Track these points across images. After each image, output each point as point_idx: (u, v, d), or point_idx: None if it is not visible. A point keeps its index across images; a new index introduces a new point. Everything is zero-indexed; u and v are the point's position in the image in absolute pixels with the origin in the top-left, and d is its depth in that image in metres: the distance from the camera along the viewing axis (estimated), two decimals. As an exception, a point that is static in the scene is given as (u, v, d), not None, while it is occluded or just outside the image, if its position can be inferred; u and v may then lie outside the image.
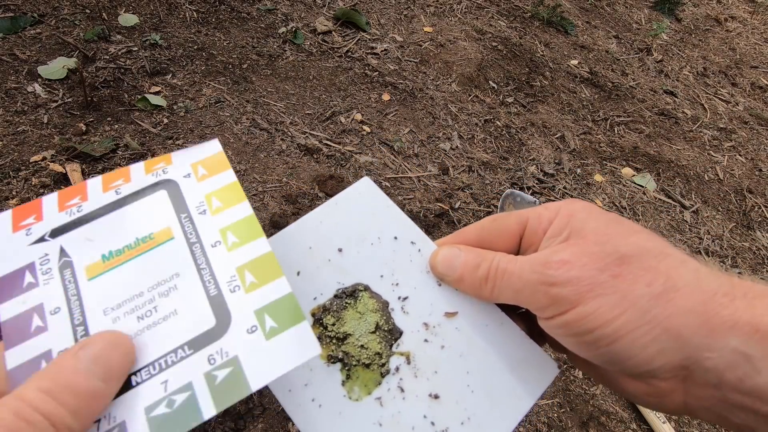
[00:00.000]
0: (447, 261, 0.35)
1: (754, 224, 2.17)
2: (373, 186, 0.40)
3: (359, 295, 0.35)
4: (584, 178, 2.07)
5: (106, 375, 0.23)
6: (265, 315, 0.28)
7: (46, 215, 0.31)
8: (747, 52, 3.40)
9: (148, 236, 0.30)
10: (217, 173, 0.33)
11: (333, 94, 1.99)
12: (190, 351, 0.26)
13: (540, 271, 0.30)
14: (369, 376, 0.33)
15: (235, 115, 1.75)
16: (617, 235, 0.30)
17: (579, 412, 1.34)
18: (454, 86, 2.24)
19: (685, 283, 0.28)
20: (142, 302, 0.28)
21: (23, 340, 0.26)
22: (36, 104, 1.55)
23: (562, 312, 0.29)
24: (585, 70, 2.68)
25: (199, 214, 0.31)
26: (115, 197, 0.32)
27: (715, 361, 0.26)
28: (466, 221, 1.71)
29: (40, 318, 0.27)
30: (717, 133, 2.60)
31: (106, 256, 0.30)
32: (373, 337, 0.34)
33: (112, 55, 1.78)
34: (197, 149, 0.35)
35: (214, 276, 0.29)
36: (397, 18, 2.50)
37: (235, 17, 2.14)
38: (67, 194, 0.32)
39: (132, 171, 0.33)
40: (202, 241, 0.30)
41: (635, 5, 3.46)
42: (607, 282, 0.28)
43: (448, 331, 0.35)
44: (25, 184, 1.35)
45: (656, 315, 0.27)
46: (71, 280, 0.29)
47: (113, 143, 1.51)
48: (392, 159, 1.83)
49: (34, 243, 0.30)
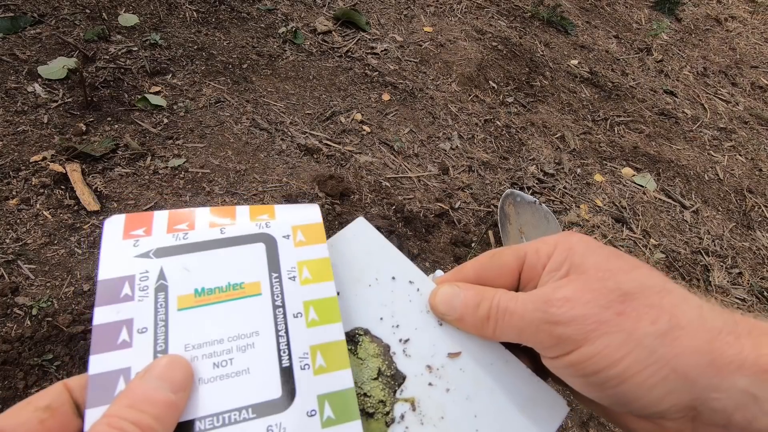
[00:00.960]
0: (446, 300, 0.34)
1: (754, 224, 2.17)
2: (368, 226, 0.39)
3: (359, 340, 0.34)
4: (584, 177, 2.07)
5: (173, 387, 0.26)
6: (326, 403, 0.28)
7: (155, 232, 0.32)
8: (747, 52, 3.40)
9: (239, 284, 0.31)
10: (314, 243, 0.34)
11: (333, 94, 1.99)
12: (252, 415, 0.27)
13: (543, 309, 0.29)
14: (373, 426, 0.32)
15: (235, 115, 1.75)
16: (618, 270, 0.29)
17: (579, 411, 1.34)
18: (454, 86, 2.24)
19: (689, 320, 0.27)
20: (220, 350, 0.29)
21: (109, 350, 0.27)
22: (36, 104, 1.55)
23: (567, 352, 0.29)
24: (585, 70, 2.68)
25: (288, 278, 0.32)
26: (219, 236, 0.33)
27: (724, 402, 0.26)
28: (466, 221, 1.71)
29: (128, 333, 0.28)
30: (717, 133, 2.60)
31: (198, 291, 0.30)
32: (376, 384, 0.33)
33: (112, 55, 1.78)
34: (300, 211, 0.36)
35: (289, 347, 0.30)
36: (397, 18, 2.50)
37: (235, 17, 2.14)
38: (178, 217, 0.33)
39: (238, 213, 0.34)
40: (286, 307, 0.31)
41: (635, 5, 3.46)
42: (612, 320, 0.28)
43: (452, 372, 0.34)
44: (25, 184, 1.35)
45: (663, 355, 0.27)
46: (163, 304, 0.29)
47: (113, 143, 1.51)
48: (392, 159, 1.83)
49: (138, 256, 0.31)
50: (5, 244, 1.23)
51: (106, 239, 0.31)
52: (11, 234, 1.25)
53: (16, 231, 1.26)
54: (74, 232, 1.30)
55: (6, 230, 1.26)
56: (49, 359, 1.07)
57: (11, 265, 1.20)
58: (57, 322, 1.13)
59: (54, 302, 1.16)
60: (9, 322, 1.11)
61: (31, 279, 1.19)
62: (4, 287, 1.15)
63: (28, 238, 1.26)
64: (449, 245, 1.62)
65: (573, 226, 1.85)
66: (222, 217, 0.34)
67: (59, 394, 0.26)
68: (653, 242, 1.91)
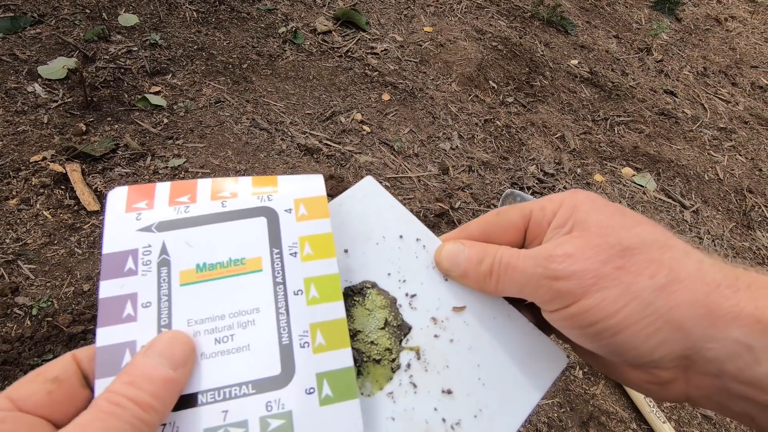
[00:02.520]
0: (451, 257, 0.35)
1: (754, 224, 2.17)
2: (376, 185, 0.40)
3: (367, 293, 0.35)
4: (584, 177, 2.07)
5: (174, 363, 0.26)
6: (324, 381, 0.29)
7: (157, 204, 0.32)
8: (747, 52, 3.40)
9: (240, 260, 0.31)
10: (316, 218, 0.33)
11: (333, 94, 1.99)
12: (252, 390, 0.28)
13: (544, 265, 0.30)
14: (380, 372, 0.33)
15: (235, 115, 1.75)
16: (620, 227, 0.30)
17: (579, 411, 1.34)
18: (454, 86, 2.24)
19: (688, 274, 0.28)
20: (222, 326, 0.29)
21: (114, 322, 0.28)
22: (36, 104, 1.55)
23: (566, 305, 0.29)
24: (585, 69, 2.68)
25: (290, 254, 0.32)
26: (221, 209, 0.32)
27: (717, 351, 0.26)
28: (466, 221, 1.71)
29: (133, 307, 0.29)
30: (717, 133, 2.60)
31: (200, 266, 0.30)
32: (383, 333, 0.34)
33: (112, 55, 1.78)
34: (303, 182, 0.35)
35: (289, 325, 0.30)
36: (397, 18, 2.50)
37: (235, 17, 2.14)
38: (179, 189, 0.33)
39: (240, 185, 0.34)
40: (287, 284, 0.31)
41: (635, 5, 3.46)
42: (611, 274, 0.28)
43: (456, 325, 0.35)
44: (25, 184, 1.35)
45: (659, 307, 0.27)
46: (166, 279, 0.30)
47: (113, 143, 1.51)
48: (392, 159, 1.83)
49: (141, 230, 0.31)
50: (5, 244, 1.23)
51: (110, 212, 0.31)
52: (11, 234, 1.25)
53: (16, 231, 1.26)
54: (74, 232, 1.30)
55: (6, 230, 1.26)
56: (49, 359, 1.07)
57: (11, 265, 1.20)
58: (57, 322, 1.13)
59: (54, 302, 1.16)
60: (9, 322, 1.11)
61: (31, 279, 1.19)
62: (4, 287, 1.15)
63: (28, 238, 1.26)
64: (449, 245, 1.62)
65: (573, 226, 1.85)
66: (224, 190, 0.34)
67: (67, 365, 0.28)
68: (653, 242, 1.91)
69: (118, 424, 0.23)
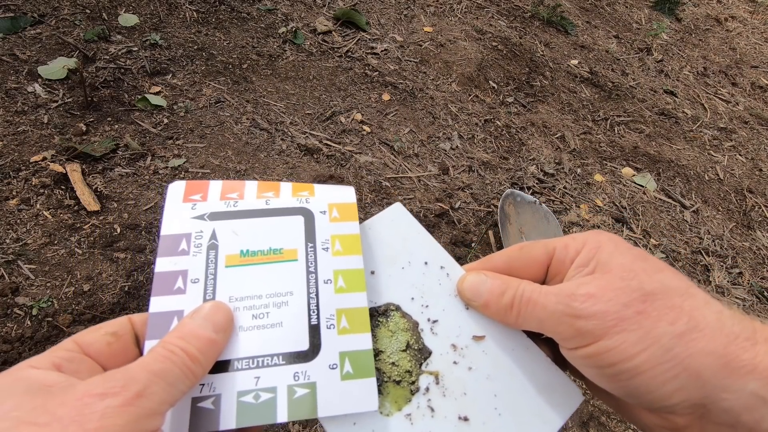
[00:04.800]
0: (473, 287, 0.36)
1: (754, 224, 2.17)
2: (405, 212, 0.42)
3: (391, 315, 0.37)
4: (584, 177, 2.07)
5: (215, 327, 0.30)
6: (347, 359, 0.32)
7: (210, 198, 0.37)
8: (747, 52, 3.40)
9: (278, 250, 0.35)
10: (347, 221, 0.38)
11: (333, 94, 1.99)
12: (282, 361, 0.31)
13: (566, 302, 0.31)
14: (399, 393, 0.34)
15: (235, 115, 1.75)
16: (643, 271, 0.30)
17: (579, 411, 1.34)
18: (454, 86, 2.24)
19: (708, 324, 0.28)
20: (259, 304, 0.33)
21: (166, 294, 0.32)
22: (36, 104, 1.55)
23: (585, 344, 0.30)
24: (585, 69, 2.68)
25: (322, 249, 0.36)
26: (265, 206, 0.37)
27: (733, 402, 0.27)
28: (466, 221, 1.71)
29: (183, 282, 0.33)
30: (717, 133, 2.60)
31: (244, 252, 0.35)
32: (404, 355, 0.35)
33: (112, 55, 1.78)
34: (337, 191, 0.40)
35: (318, 308, 0.34)
36: (397, 18, 2.50)
37: (235, 17, 2.14)
38: (230, 187, 0.38)
39: (282, 188, 0.39)
40: (318, 274, 0.35)
41: (635, 5, 3.46)
42: (632, 318, 0.29)
43: (475, 353, 0.36)
44: (25, 184, 1.35)
45: (678, 353, 0.28)
46: (213, 261, 0.34)
47: (113, 143, 1.51)
48: (392, 159, 1.83)
49: (195, 218, 0.36)
50: (5, 244, 1.23)
51: (169, 201, 0.36)
52: (11, 234, 1.25)
53: (16, 231, 1.26)
54: (74, 232, 1.30)
55: (6, 230, 1.26)
56: (49, 359, 1.07)
57: (11, 265, 1.20)
58: (57, 322, 1.13)
59: (54, 302, 1.16)
60: (9, 322, 1.11)
61: (31, 279, 1.19)
62: (4, 287, 1.15)
63: (28, 238, 1.26)
64: (449, 245, 1.62)
65: (573, 226, 1.85)
66: (268, 191, 0.38)
67: (124, 324, 0.31)
68: (653, 242, 1.91)
69: (173, 368, 0.27)
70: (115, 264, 1.27)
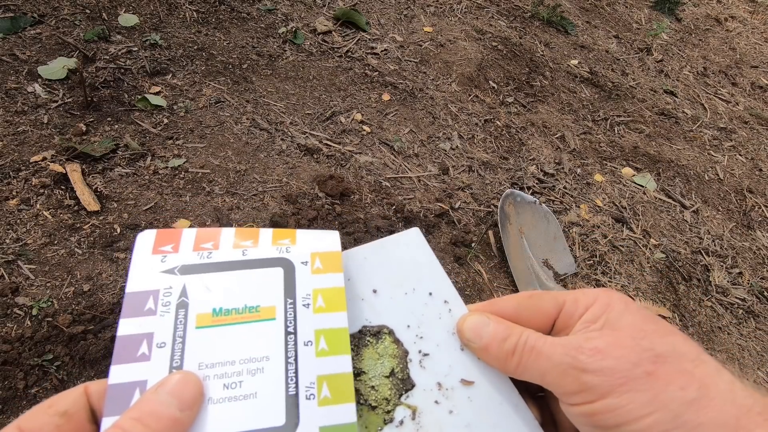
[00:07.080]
0: (475, 328, 0.35)
1: (754, 224, 2.17)
2: (422, 238, 0.40)
3: (382, 337, 0.35)
4: (584, 177, 2.08)
5: (181, 405, 0.27)
6: None
7: (182, 249, 0.34)
8: (747, 52, 3.40)
9: (255, 307, 0.32)
10: (330, 272, 0.35)
11: (333, 94, 1.99)
12: None
13: (573, 354, 0.30)
14: (372, 419, 0.32)
15: (235, 115, 1.75)
16: (654, 332, 0.30)
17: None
18: (454, 86, 2.24)
19: (719, 393, 0.27)
20: (231, 371, 0.30)
21: (128, 361, 0.29)
22: (36, 104, 1.55)
23: (589, 401, 0.29)
24: (585, 69, 2.68)
25: (302, 305, 0.33)
26: (241, 257, 0.34)
27: None
28: (466, 221, 1.71)
29: (148, 347, 0.29)
30: (717, 133, 2.60)
31: (216, 311, 0.31)
32: (386, 381, 0.34)
33: (112, 55, 1.78)
34: (320, 237, 0.37)
35: (297, 375, 0.30)
36: (397, 18, 2.50)
37: (235, 17, 2.14)
38: (204, 235, 0.35)
39: (261, 236, 0.36)
40: (298, 334, 0.32)
41: (635, 5, 3.46)
42: (641, 378, 0.28)
43: (460, 397, 0.34)
44: (25, 184, 1.35)
45: (687, 421, 0.27)
46: (182, 321, 0.31)
47: (113, 143, 1.51)
48: (392, 159, 1.83)
49: (164, 272, 0.32)
50: (5, 244, 1.23)
51: (137, 252, 0.33)
52: (11, 234, 1.25)
53: (16, 231, 1.26)
54: (74, 232, 1.30)
55: (6, 230, 1.26)
56: (49, 359, 1.07)
57: (11, 265, 1.20)
58: (57, 322, 1.13)
59: (54, 302, 1.16)
60: (9, 322, 1.11)
61: (31, 279, 1.19)
62: (4, 287, 1.15)
63: (28, 238, 1.26)
64: (449, 245, 1.62)
65: (573, 226, 1.85)
66: (246, 239, 0.35)
67: (77, 399, 0.28)
68: (653, 242, 1.91)
69: None
70: (115, 264, 1.27)
